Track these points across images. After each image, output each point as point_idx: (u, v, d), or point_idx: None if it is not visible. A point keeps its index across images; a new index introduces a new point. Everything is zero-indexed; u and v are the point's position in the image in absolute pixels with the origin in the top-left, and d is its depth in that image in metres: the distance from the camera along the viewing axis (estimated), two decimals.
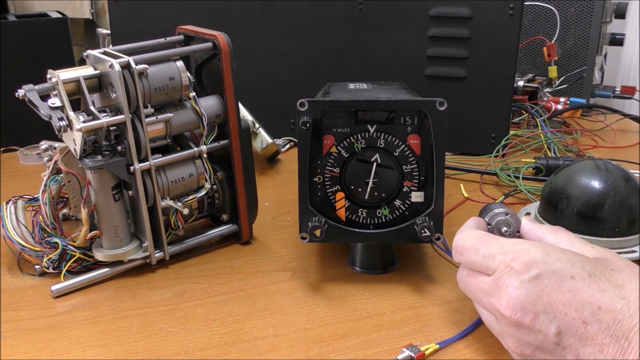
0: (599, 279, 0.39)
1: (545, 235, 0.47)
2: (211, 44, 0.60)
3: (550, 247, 0.42)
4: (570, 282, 0.39)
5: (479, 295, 0.44)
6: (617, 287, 0.39)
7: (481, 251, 0.44)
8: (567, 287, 0.39)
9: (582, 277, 0.39)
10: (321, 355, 0.48)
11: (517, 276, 0.41)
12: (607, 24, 1.18)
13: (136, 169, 0.56)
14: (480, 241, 0.45)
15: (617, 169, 0.63)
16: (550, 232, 0.47)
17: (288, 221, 0.73)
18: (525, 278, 0.40)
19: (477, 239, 0.46)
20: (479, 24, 0.88)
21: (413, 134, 0.55)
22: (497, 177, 0.83)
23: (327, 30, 0.94)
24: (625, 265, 0.41)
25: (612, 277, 0.40)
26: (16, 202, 0.60)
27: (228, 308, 0.55)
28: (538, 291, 0.40)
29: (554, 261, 0.41)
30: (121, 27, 0.98)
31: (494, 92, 0.91)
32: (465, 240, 0.46)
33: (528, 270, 0.41)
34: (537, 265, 0.40)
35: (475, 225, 0.50)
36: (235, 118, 0.62)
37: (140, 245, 0.60)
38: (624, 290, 0.38)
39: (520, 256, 0.41)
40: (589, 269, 0.40)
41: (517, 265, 0.41)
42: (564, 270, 0.40)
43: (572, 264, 0.40)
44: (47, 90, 0.54)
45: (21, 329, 0.52)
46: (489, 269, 0.43)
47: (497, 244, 0.44)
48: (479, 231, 0.47)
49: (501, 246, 0.43)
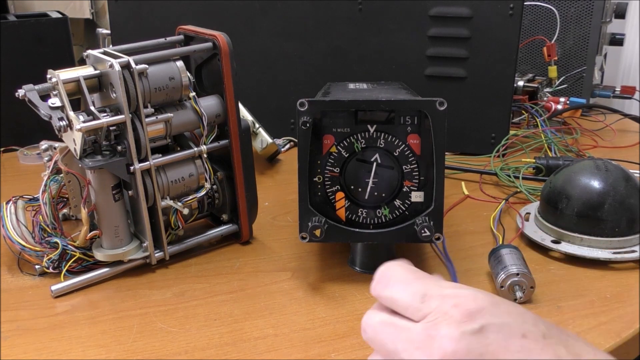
0: (554, 343, 0.32)
1: None
2: (211, 44, 0.60)
3: (500, 297, 0.35)
4: (521, 341, 0.32)
5: (398, 347, 0.34)
6: (575, 355, 0.32)
7: (413, 288, 0.35)
8: (517, 346, 0.32)
9: (535, 338, 0.32)
10: (321, 355, 0.48)
11: (457, 326, 0.32)
12: (607, 24, 1.18)
13: (136, 169, 0.56)
14: (416, 276, 0.37)
15: (617, 169, 0.63)
16: None
17: (288, 221, 0.73)
18: (467, 329, 0.32)
19: (412, 273, 0.37)
20: (479, 24, 0.88)
21: (413, 134, 0.55)
22: (497, 177, 0.83)
23: (327, 30, 0.94)
24: (579, 338, 0.35)
25: (568, 344, 0.33)
26: (16, 202, 0.60)
27: (228, 308, 0.55)
28: (481, 347, 0.32)
29: (503, 314, 0.33)
30: (121, 27, 0.98)
31: (494, 92, 0.91)
32: (395, 272, 0.37)
33: (472, 321, 0.32)
34: (484, 316, 0.33)
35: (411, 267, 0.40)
36: (235, 118, 0.62)
37: (140, 245, 0.60)
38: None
39: (464, 303, 0.33)
40: (543, 329, 0.33)
41: (459, 313, 0.33)
42: (514, 326, 0.33)
43: (523, 320, 0.33)
44: (47, 90, 0.54)
45: (21, 329, 0.52)
46: (419, 312, 0.34)
47: (435, 284, 0.36)
48: (414, 267, 0.38)
49: (441, 287, 0.35)
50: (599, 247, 0.61)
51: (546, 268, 0.61)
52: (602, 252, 0.61)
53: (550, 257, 0.63)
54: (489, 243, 0.66)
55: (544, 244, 0.63)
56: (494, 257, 0.57)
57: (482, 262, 0.60)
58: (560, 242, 0.63)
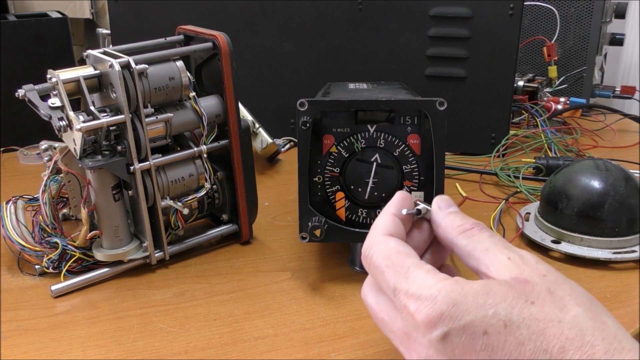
0: (516, 328, 0.32)
1: (455, 238, 0.38)
2: (211, 44, 0.60)
3: (460, 289, 0.33)
4: (484, 338, 0.32)
5: (386, 330, 0.37)
6: (538, 335, 0.31)
7: (386, 276, 0.36)
8: (481, 345, 0.32)
9: (496, 331, 0.32)
10: (321, 355, 0.48)
11: (423, 333, 0.33)
12: (607, 24, 1.18)
13: (136, 169, 0.56)
14: (388, 263, 0.37)
15: (617, 169, 0.63)
16: (462, 236, 0.38)
17: (288, 221, 0.73)
18: (432, 337, 0.33)
19: (386, 259, 0.37)
20: (479, 24, 0.88)
21: (413, 133, 0.55)
22: (497, 177, 0.83)
23: (327, 30, 0.94)
24: (545, 289, 0.33)
25: (531, 319, 0.32)
26: (16, 202, 0.60)
27: (228, 308, 0.55)
28: (449, 353, 0.33)
29: (462, 313, 0.32)
30: (121, 27, 0.98)
31: (494, 92, 0.91)
32: (374, 252, 0.38)
33: (434, 328, 0.33)
34: (444, 322, 0.33)
35: (396, 221, 0.40)
36: (235, 118, 0.62)
37: (140, 245, 0.60)
38: (545, 340, 0.31)
39: (423, 310, 0.33)
40: (504, 314, 0.32)
41: (421, 319, 0.33)
42: (475, 324, 0.32)
43: (484, 312, 0.32)
44: (47, 90, 0.54)
45: (21, 329, 0.52)
46: (394, 303, 0.36)
47: (402, 277, 0.36)
48: (393, 244, 0.38)
49: (408, 281, 0.35)
50: (599, 247, 0.61)
51: None
52: (602, 252, 0.61)
53: (550, 257, 0.63)
54: None
55: (544, 244, 0.63)
56: None
57: None
58: (560, 242, 0.63)
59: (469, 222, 0.39)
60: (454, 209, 0.40)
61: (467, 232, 0.38)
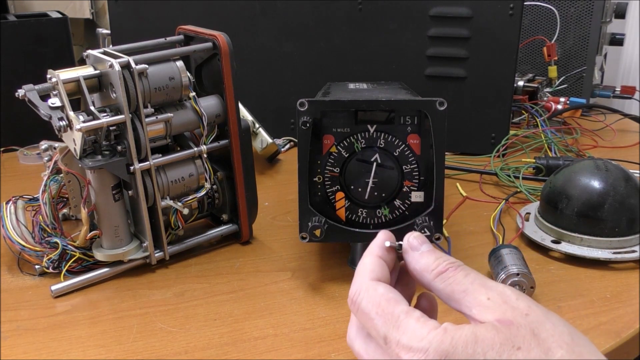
0: None
1: (432, 282, 0.38)
2: (211, 44, 0.60)
3: (449, 339, 0.33)
4: None
5: None
6: None
7: (376, 323, 0.36)
8: None
9: None
10: (321, 355, 0.48)
11: None
12: (607, 24, 1.18)
13: (136, 169, 0.56)
14: (378, 311, 0.36)
15: (617, 169, 0.63)
16: (438, 279, 0.37)
17: (288, 221, 0.73)
18: None
19: (376, 306, 0.37)
20: (479, 24, 0.88)
21: (413, 133, 0.55)
22: (497, 177, 0.83)
23: (327, 30, 0.94)
24: (530, 332, 0.33)
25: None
26: (16, 202, 0.60)
27: (228, 308, 0.55)
28: None
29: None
30: (121, 27, 0.98)
31: (494, 92, 0.91)
32: (363, 298, 0.38)
33: None
34: None
35: (381, 264, 0.40)
36: (235, 118, 0.62)
37: (140, 245, 0.60)
38: None
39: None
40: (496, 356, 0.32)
41: None
42: None
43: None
44: (47, 90, 0.54)
45: (21, 329, 0.52)
46: (385, 351, 0.36)
47: (393, 326, 0.35)
48: (382, 290, 0.38)
49: (399, 332, 0.35)
50: (599, 247, 0.61)
51: (546, 268, 0.61)
52: (602, 252, 0.61)
53: (550, 257, 0.63)
54: (489, 243, 0.66)
55: (544, 244, 0.63)
56: (494, 257, 0.57)
57: (482, 262, 0.60)
58: (560, 242, 0.63)
59: (443, 262, 0.38)
60: (426, 248, 0.40)
61: (442, 275, 0.37)
